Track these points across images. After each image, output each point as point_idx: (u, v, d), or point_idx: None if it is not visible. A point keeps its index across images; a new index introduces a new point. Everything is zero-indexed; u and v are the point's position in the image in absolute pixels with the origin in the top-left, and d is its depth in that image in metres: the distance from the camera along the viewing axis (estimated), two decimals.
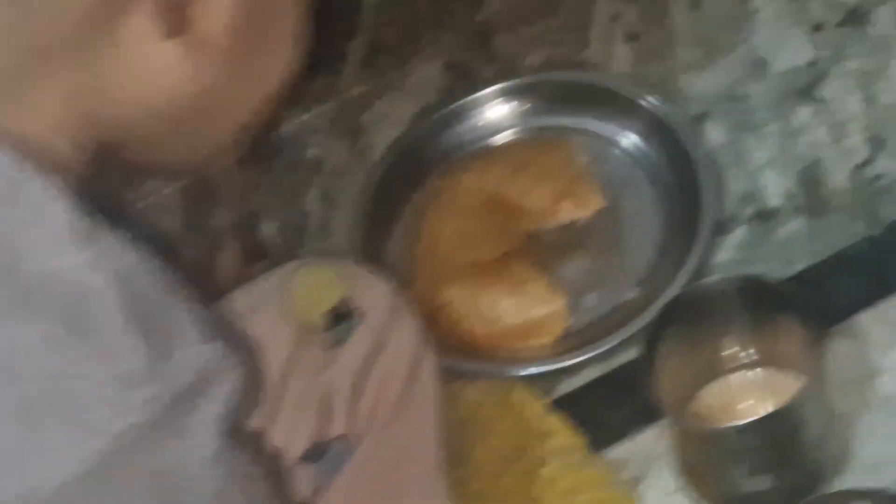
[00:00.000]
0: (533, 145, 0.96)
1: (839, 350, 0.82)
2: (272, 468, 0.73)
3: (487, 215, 0.85)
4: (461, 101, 1.03)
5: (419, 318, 0.82)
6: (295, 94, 0.64)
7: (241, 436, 0.57)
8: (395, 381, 0.79)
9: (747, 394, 0.83)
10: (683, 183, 0.93)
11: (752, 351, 0.83)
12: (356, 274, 0.82)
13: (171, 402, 0.48)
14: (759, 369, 0.83)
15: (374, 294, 0.80)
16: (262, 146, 1.04)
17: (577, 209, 0.89)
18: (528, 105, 1.04)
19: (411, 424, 0.80)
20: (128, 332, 0.47)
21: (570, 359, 0.87)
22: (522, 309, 0.82)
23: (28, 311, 0.47)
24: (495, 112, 1.04)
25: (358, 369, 0.77)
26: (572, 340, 0.88)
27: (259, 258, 1.01)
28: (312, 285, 0.82)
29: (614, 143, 0.99)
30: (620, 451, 0.85)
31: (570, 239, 0.95)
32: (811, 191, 0.93)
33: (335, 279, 0.81)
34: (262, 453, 0.73)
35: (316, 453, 0.76)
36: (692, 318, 0.79)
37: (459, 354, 0.86)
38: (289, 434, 0.78)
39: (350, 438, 0.79)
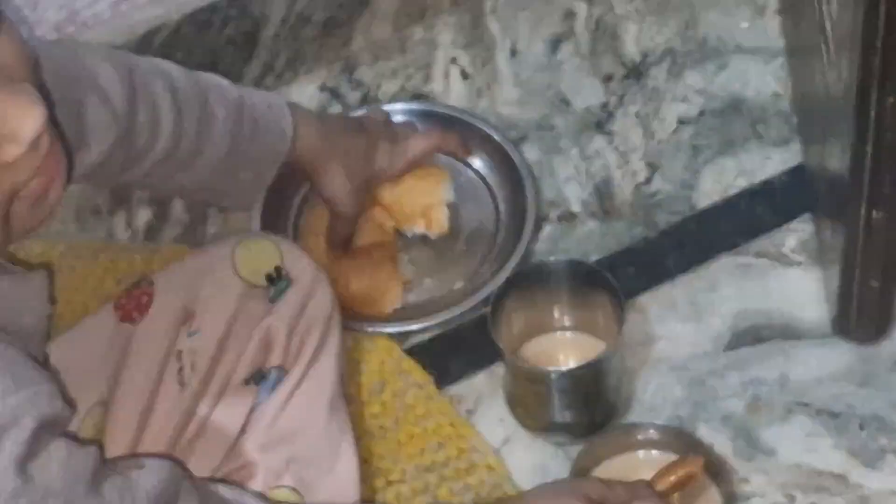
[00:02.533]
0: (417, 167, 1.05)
1: (628, 321, 0.92)
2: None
3: (363, 213, 0.96)
4: None
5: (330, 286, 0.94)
6: None
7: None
8: (316, 331, 0.88)
9: (564, 349, 0.96)
10: (513, 191, 1.05)
11: (568, 316, 0.95)
12: (288, 248, 0.91)
13: None
14: (572, 332, 0.95)
15: (301, 264, 0.89)
16: None
17: (427, 229, 0.99)
18: None
19: (324, 364, 0.89)
20: None
21: (412, 324, 1.00)
22: (365, 285, 0.93)
23: None
24: None
25: (290, 320, 0.87)
26: (416, 310, 1.01)
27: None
28: (254, 253, 0.90)
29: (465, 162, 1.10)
30: (458, 388, 0.98)
31: (425, 239, 1.04)
32: (603, 201, 1.06)
33: (272, 249, 0.90)
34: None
35: (257, 378, 0.88)
36: (528, 287, 0.92)
37: None
38: (234, 362, 0.89)
39: (284, 369, 0.89)
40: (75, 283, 1.22)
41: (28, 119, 0.56)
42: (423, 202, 0.96)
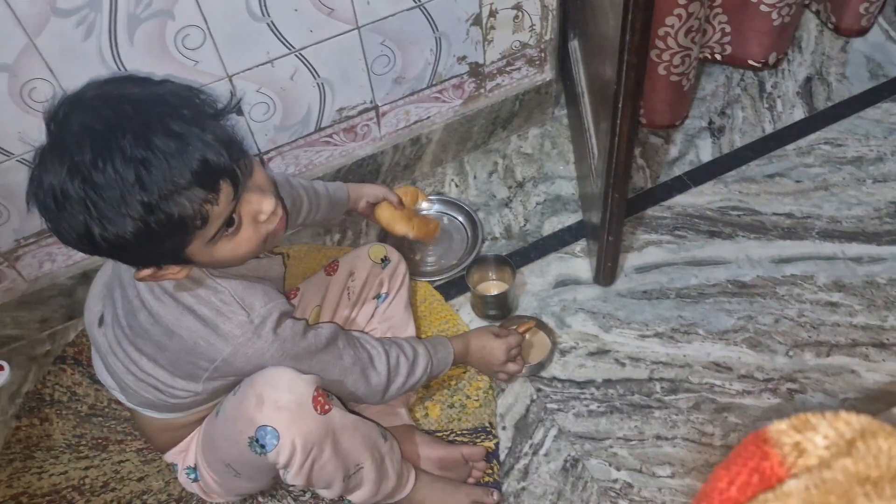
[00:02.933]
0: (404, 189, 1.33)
1: (516, 277, 1.42)
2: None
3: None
4: None
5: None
6: None
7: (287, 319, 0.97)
8: (399, 278, 1.34)
9: (492, 287, 1.47)
10: (473, 228, 1.57)
11: (493, 275, 1.47)
12: (389, 248, 1.33)
13: (256, 327, 0.93)
14: (496, 281, 1.48)
15: (394, 254, 1.34)
16: None
17: (413, 232, 1.29)
18: None
19: (402, 292, 1.35)
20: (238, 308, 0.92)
21: (435, 277, 1.50)
22: (430, 226, 1.31)
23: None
24: None
25: (390, 275, 1.33)
26: (436, 272, 1.50)
27: None
28: (376, 249, 1.32)
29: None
30: (453, 301, 1.49)
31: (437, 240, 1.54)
32: (507, 232, 1.57)
33: (383, 248, 1.33)
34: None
35: (377, 297, 1.33)
36: (480, 263, 1.46)
37: None
38: (368, 291, 1.33)
39: (388, 294, 1.34)
40: (307, 261, 1.57)
41: (266, 203, 0.86)
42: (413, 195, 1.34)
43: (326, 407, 0.98)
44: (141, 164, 0.72)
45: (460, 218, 1.60)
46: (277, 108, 1.41)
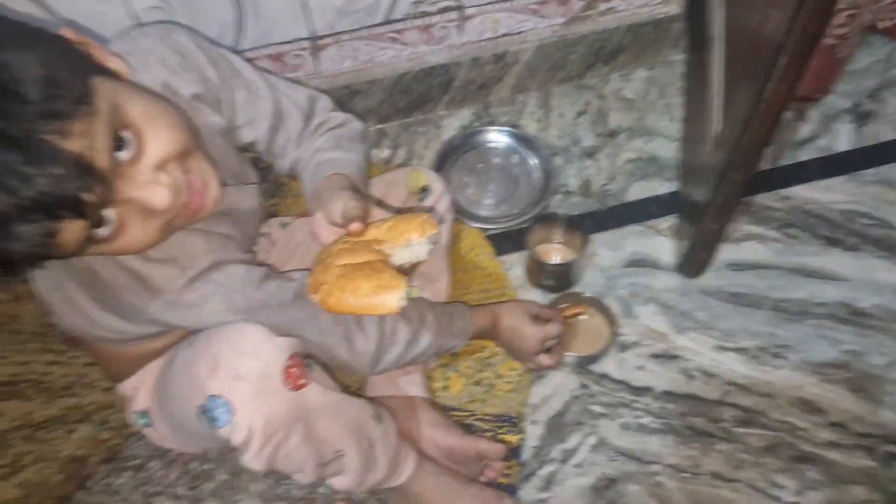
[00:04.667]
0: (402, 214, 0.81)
1: (586, 245, 1.22)
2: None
3: (362, 243, 0.75)
4: None
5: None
6: None
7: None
8: (439, 216, 1.13)
9: (555, 252, 1.26)
10: (545, 177, 1.35)
11: (559, 238, 1.25)
12: (432, 174, 1.14)
13: (190, 280, 0.79)
14: (560, 245, 1.25)
15: (437, 184, 1.14)
16: None
17: (421, 236, 0.75)
18: None
19: (442, 232, 1.12)
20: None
21: (489, 224, 1.29)
22: (374, 285, 0.70)
23: None
24: None
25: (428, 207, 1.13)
26: (491, 220, 1.30)
27: None
28: (416, 175, 1.15)
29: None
30: (504, 258, 1.27)
31: (503, 188, 1.34)
32: (585, 189, 1.35)
33: (425, 175, 1.14)
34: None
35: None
36: (544, 221, 1.23)
37: None
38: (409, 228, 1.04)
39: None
40: None
41: (158, 197, 0.69)
42: (413, 222, 0.76)
43: (301, 381, 0.78)
44: None
45: (533, 160, 1.38)
46: None
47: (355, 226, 0.75)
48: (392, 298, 0.69)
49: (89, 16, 1.11)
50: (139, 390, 0.96)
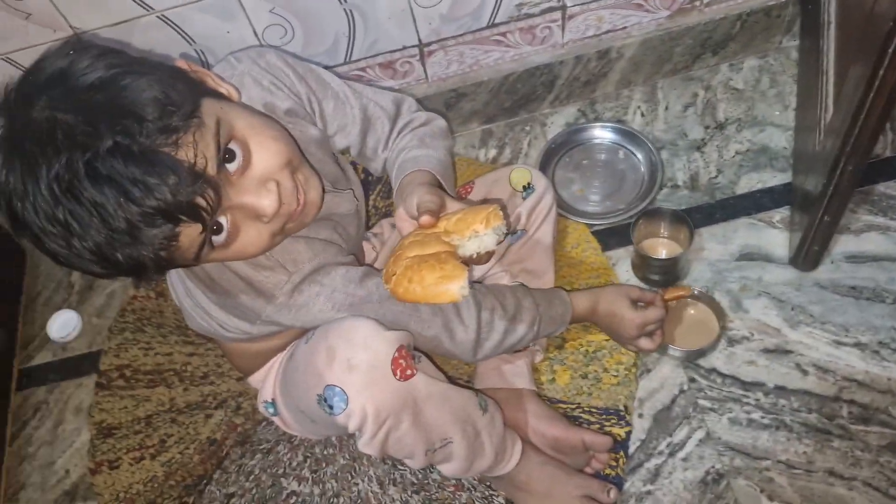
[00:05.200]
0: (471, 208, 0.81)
1: (693, 239, 1.18)
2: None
3: (432, 235, 0.78)
4: None
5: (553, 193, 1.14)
6: None
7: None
8: (542, 213, 1.15)
9: (661, 247, 1.24)
10: (651, 171, 1.34)
11: (666, 231, 1.23)
12: (536, 173, 1.14)
13: (296, 285, 0.85)
14: (666, 239, 1.24)
15: (540, 181, 1.14)
16: None
17: (486, 227, 0.77)
18: None
19: (544, 229, 1.16)
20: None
21: (594, 220, 1.30)
22: (437, 276, 0.73)
23: None
24: None
25: (530, 208, 1.13)
26: (597, 216, 1.30)
27: None
28: (519, 174, 1.15)
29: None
30: (610, 253, 1.28)
31: (609, 183, 1.34)
32: (692, 182, 1.33)
33: (528, 173, 1.15)
34: None
35: (512, 233, 1.14)
36: (651, 215, 1.22)
37: None
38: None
39: (525, 230, 1.15)
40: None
41: (266, 203, 0.74)
42: (479, 214, 0.77)
43: (409, 372, 0.83)
44: (68, 212, 0.64)
45: (639, 155, 1.37)
46: None
47: (425, 218, 0.77)
48: (454, 287, 0.72)
49: (217, 35, 1.21)
50: (266, 382, 1.04)
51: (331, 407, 0.82)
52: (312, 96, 0.93)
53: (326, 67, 1.20)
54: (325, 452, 1.17)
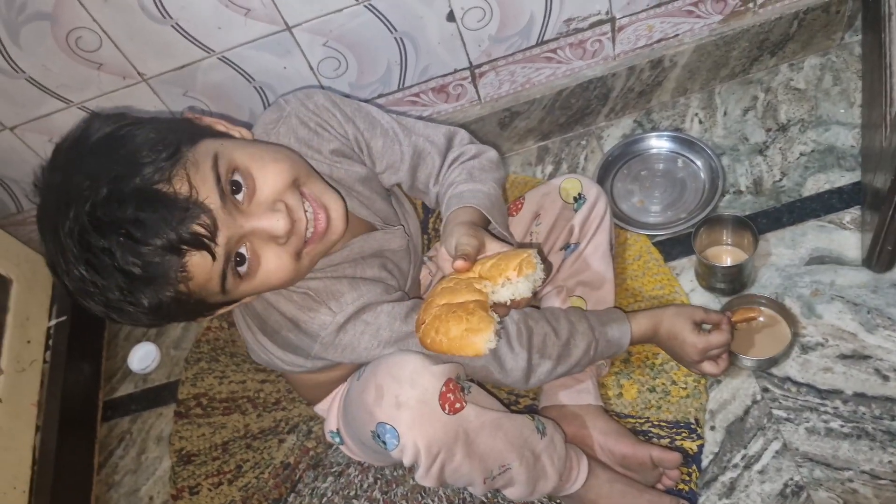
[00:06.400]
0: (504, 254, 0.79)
1: (759, 245, 1.16)
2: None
3: (465, 281, 0.76)
4: None
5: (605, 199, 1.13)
6: None
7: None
8: (594, 223, 1.14)
9: (725, 254, 1.21)
10: (712, 177, 1.31)
11: (729, 239, 1.20)
12: (586, 182, 1.14)
13: (341, 325, 0.86)
14: (730, 247, 1.21)
15: (591, 190, 1.14)
16: None
17: (519, 275, 0.75)
18: None
19: (598, 238, 1.14)
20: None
21: (656, 230, 1.27)
22: (463, 328, 0.72)
23: None
24: None
25: (582, 219, 1.13)
26: (659, 226, 1.27)
27: None
28: (569, 185, 1.15)
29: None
30: (673, 263, 1.26)
31: (672, 192, 1.31)
32: (756, 187, 1.30)
33: (578, 183, 1.14)
34: None
35: (565, 247, 1.15)
36: (713, 222, 1.19)
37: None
38: (556, 239, 1.15)
39: (578, 243, 1.15)
40: (508, 192, 1.40)
41: (277, 225, 0.76)
42: (513, 261, 0.76)
43: (458, 405, 0.83)
44: (87, 265, 0.69)
45: (698, 162, 1.35)
46: (494, 14, 1.23)
47: (458, 263, 0.77)
48: (480, 341, 0.72)
49: (274, 71, 1.25)
50: (331, 412, 1.07)
51: (384, 443, 0.82)
52: (360, 136, 0.95)
53: (381, 95, 1.27)
54: (395, 474, 1.18)
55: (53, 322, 1.44)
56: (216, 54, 1.21)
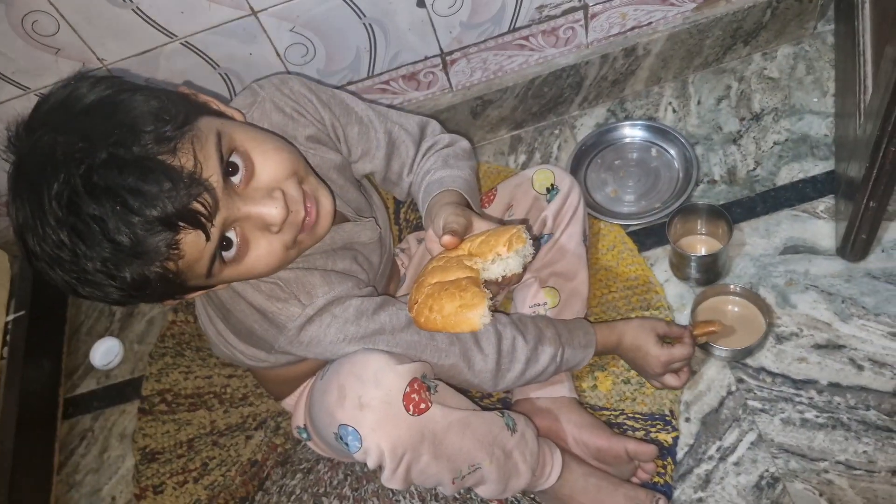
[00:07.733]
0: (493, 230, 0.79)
1: (733, 234, 1.14)
2: None
3: (456, 259, 0.76)
4: None
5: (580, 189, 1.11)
6: None
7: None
8: (568, 214, 1.12)
9: (699, 244, 1.20)
10: (686, 167, 1.30)
11: (703, 229, 1.20)
12: (558, 172, 1.12)
13: (310, 317, 0.84)
14: (704, 236, 1.20)
15: (564, 180, 1.12)
16: None
17: (508, 251, 0.74)
18: None
19: (571, 229, 1.12)
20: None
21: (630, 220, 1.26)
22: (457, 304, 0.71)
23: None
24: None
25: (555, 211, 1.11)
26: (633, 216, 1.25)
27: None
28: (541, 176, 1.14)
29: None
30: (647, 253, 1.25)
31: (644, 182, 1.30)
32: (730, 176, 1.29)
33: (550, 173, 1.13)
34: None
35: (537, 238, 1.12)
36: (687, 212, 1.18)
37: None
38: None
39: (552, 234, 1.12)
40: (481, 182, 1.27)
41: (272, 212, 0.74)
42: (502, 237, 0.75)
43: (423, 406, 0.80)
44: (72, 231, 0.64)
45: (672, 151, 1.34)
46: (465, 0, 1.20)
47: (446, 238, 0.75)
48: (474, 316, 0.71)
49: (240, 58, 1.22)
50: (297, 408, 1.04)
51: (346, 445, 0.80)
52: (336, 122, 0.93)
53: (350, 83, 1.24)
54: (365, 470, 1.15)
55: (11, 317, 1.39)
56: (179, 39, 1.17)
